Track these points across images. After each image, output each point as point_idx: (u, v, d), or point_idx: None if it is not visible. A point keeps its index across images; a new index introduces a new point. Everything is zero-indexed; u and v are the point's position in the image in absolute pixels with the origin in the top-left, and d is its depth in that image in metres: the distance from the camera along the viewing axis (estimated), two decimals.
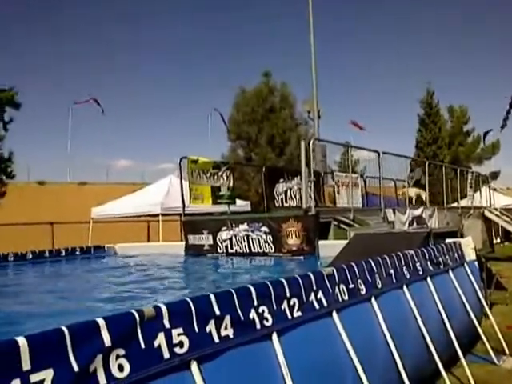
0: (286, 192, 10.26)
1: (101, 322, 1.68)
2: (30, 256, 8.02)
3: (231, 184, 9.45)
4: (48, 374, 1.49)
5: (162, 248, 9.69)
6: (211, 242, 8.25)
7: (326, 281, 2.82)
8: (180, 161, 8.76)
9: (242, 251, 7.98)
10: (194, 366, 1.90)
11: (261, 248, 7.83)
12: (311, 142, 8.08)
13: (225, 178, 9.29)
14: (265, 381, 2.17)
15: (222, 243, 8.19)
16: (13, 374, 1.42)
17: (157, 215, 13.76)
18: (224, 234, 8.12)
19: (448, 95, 48.15)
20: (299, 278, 2.62)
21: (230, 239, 8.08)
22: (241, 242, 8.00)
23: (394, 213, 9.63)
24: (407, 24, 49.88)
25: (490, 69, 48.27)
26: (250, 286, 2.31)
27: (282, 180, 10.29)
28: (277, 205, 10.06)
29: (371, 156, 10.41)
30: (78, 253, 8.76)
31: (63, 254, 8.53)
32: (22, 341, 1.47)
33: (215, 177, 9.07)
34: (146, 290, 5.02)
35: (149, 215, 14.66)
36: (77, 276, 7.21)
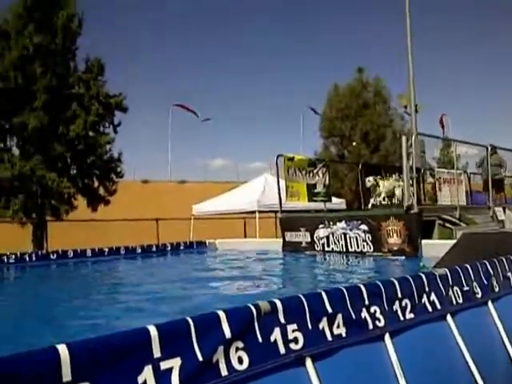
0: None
1: (221, 314, 1.75)
2: (139, 250, 8.59)
3: (327, 181, 9.38)
4: (176, 362, 1.57)
5: (259, 244, 9.89)
6: (309, 240, 8.25)
7: (439, 282, 2.69)
8: (276, 159, 8.86)
9: (339, 249, 7.90)
10: (308, 362, 1.92)
11: (358, 247, 7.69)
12: (413, 136, 7.77)
13: (320, 176, 9.24)
14: (379, 381, 2.13)
15: (319, 241, 8.15)
16: (146, 360, 1.52)
17: (253, 212, 14.05)
18: (321, 232, 8.09)
19: None
20: (410, 279, 2.53)
21: (327, 237, 8.03)
22: (338, 241, 7.91)
23: (505, 211, 8.97)
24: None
25: None
26: (360, 285, 2.28)
27: (379, 177, 10.01)
28: (374, 203, 9.82)
29: (473, 151, 9.81)
30: (181, 247, 9.24)
31: (169, 248, 9.04)
32: (152, 329, 1.57)
33: (311, 174, 9.05)
34: (249, 284, 5.15)
35: (245, 212, 15.01)
36: (184, 268, 7.59)
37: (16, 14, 16.03)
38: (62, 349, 1.34)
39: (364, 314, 2.20)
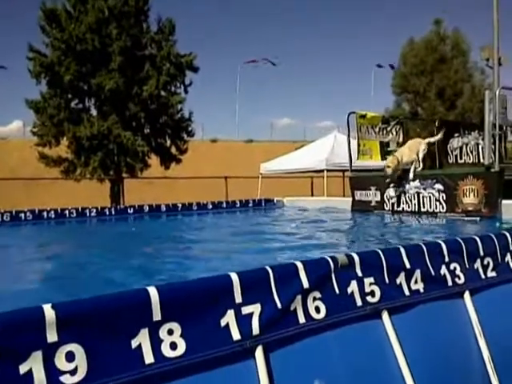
0: (461, 148, 9.48)
1: (299, 265, 1.79)
2: (210, 206, 8.85)
3: (401, 139, 9.05)
4: (256, 308, 1.64)
5: (327, 202, 9.83)
6: (378, 199, 8.09)
7: None
8: (348, 116, 8.64)
9: (410, 209, 7.68)
10: (385, 315, 1.92)
11: (431, 207, 7.44)
12: (497, 91, 7.26)
13: (394, 133, 8.93)
14: (457, 338, 2.11)
15: (389, 200, 7.98)
16: (228, 305, 1.59)
17: (321, 171, 13.93)
18: (392, 191, 7.88)
19: None
20: (494, 237, 2.44)
21: (398, 196, 7.82)
22: (410, 200, 7.69)
23: None
24: None
25: None
26: (440, 242, 2.23)
27: (457, 135, 9.50)
28: (450, 161, 9.38)
29: None
30: (250, 205, 9.41)
31: (238, 205, 9.24)
32: (234, 276, 1.64)
33: (384, 132, 8.77)
34: (316, 241, 5.19)
35: (313, 171, 14.93)
36: (255, 224, 7.76)
37: None
38: (152, 291, 1.44)
39: (443, 270, 2.16)
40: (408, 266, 2.05)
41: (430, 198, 7.39)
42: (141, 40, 17.15)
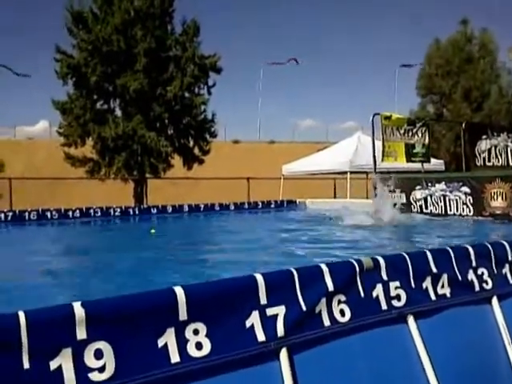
0: (489, 150, 9.29)
1: (324, 267, 1.78)
2: (232, 207, 8.89)
3: (426, 141, 8.93)
4: (281, 310, 1.63)
5: (350, 205, 9.76)
6: (404, 201, 8.00)
7: None
8: (372, 117, 8.57)
9: (437, 212, 7.58)
10: (410, 320, 1.90)
11: (458, 210, 7.33)
12: None
13: (419, 135, 8.80)
14: (484, 344, 2.07)
15: (416, 202, 7.88)
16: (253, 306, 1.59)
17: (344, 173, 13.83)
18: (418, 193, 7.79)
19: None
20: None
21: (425, 199, 7.72)
22: (437, 203, 7.59)
23: None
24: None
25: None
26: (468, 246, 2.19)
27: (484, 137, 9.32)
28: (478, 164, 9.19)
29: None
30: (272, 206, 9.42)
31: (260, 206, 9.26)
32: (259, 277, 1.64)
33: (409, 133, 8.66)
34: (339, 244, 5.16)
35: (336, 173, 14.82)
36: (276, 225, 7.76)
37: None
38: (179, 291, 1.45)
39: (471, 275, 2.12)
40: (434, 270, 2.02)
41: (456, 200, 7.28)
42: (165, 41, 17.32)
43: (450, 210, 7.32)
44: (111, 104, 17.95)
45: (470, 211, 7.13)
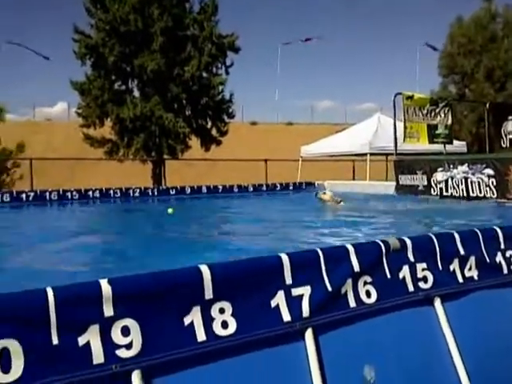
0: None
1: (350, 248, 1.75)
2: (251, 188, 8.88)
3: (449, 122, 8.74)
4: (306, 290, 1.62)
5: (369, 187, 9.68)
6: (425, 183, 7.87)
7: None
8: (394, 97, 8.41)
9: (458, 195, 7.45)
10: (437, 302, 1.87)
11: (481, 192, 7.19)
12: None
13: (442, 116, 8.61)
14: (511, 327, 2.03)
15: (436, 185, 7.75)
16: (278, 286, 1.58)
17: (363, 155, 13.65)
18: (439, 176, 7.65)
19: None
20: None
21: (446, 181, 7.59)
22: (457, 185, 7.45)
23: None
24: None
25: None
26: (496, 228, 2.14)
27: (511, 117, 9.08)
28: (503, 145, 8.97)
29: None
30: (291, 188, 9.38)
31: (278, 188, 9.23)
32: (284, 257, 1.62)
33: (432, 114, 8.47)
34: (358, 227, 5.12)
35: (355, 154, 14.65)
36: (296, 207, 7.74)
37: None
38: (205, 269, 1.44)
39: (499, 257, 2.08)
40: (462, 252, 1.98)
41: (479, 183, 7.13)
42: (183, 20, 17.15)
43: (473, 193, 7.19)
44: (129, 84, 17.92)
45: (493, 194, 6.99)
